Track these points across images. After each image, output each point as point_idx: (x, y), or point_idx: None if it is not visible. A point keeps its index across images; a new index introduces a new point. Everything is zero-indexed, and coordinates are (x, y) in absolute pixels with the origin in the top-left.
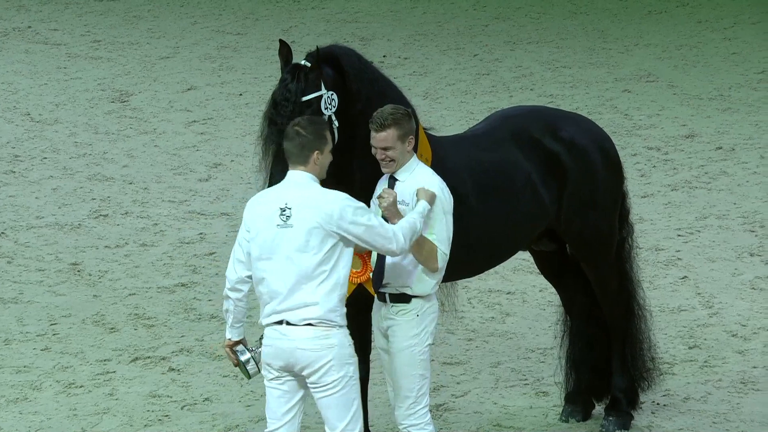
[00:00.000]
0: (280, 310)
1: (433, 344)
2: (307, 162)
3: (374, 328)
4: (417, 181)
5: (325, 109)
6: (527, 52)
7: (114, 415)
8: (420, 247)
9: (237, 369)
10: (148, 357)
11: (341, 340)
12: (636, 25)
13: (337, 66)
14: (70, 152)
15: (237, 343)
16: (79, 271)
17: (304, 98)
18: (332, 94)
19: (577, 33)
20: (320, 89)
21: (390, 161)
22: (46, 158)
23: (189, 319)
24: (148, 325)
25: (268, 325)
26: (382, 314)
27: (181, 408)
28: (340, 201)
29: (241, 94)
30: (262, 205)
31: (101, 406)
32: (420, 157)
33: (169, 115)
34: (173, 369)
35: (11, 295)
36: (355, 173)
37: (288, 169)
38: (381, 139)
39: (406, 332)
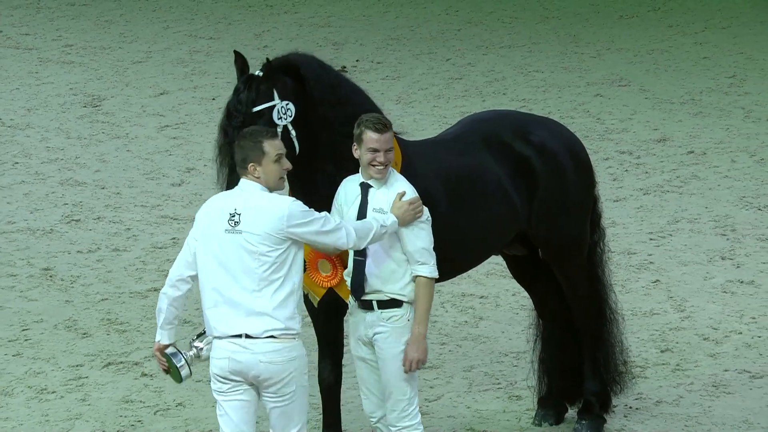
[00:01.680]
0: (236, 321)
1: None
2: (247, 173)
3: (351, 338)
4: (394, 190)
5: (279, 119)
6: (500, 57)
7: (86, 420)
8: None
9: (208, 374)
10: (121, 362)
11: (301, 351)
12: (608, 29)
13: (297, 74)
14: (41, 157)
15: (167, 346)
16: (51, 276)
17: (255, 109)
18: (287, 104)
19: (549, 37)
20: (273, 99)
21: (385, 165)
22: (17, 163)
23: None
24: (121, 331)
25: (221, 337)
26: (366, 322)
27: (154, 413)
28: (287, 205)
29: (213, 99)
30: (214, 210)
31: (73, 412)
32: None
33: (142, 120)
34: (146, 374)
35: None
36: (318, 179)
37: (233, 178)
38: (385, 140)
39: (398, 338)
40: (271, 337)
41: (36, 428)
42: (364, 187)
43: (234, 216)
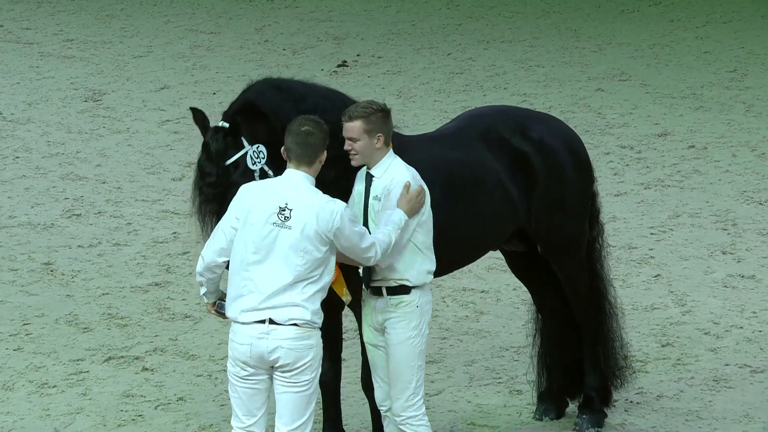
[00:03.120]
0: (262, 308)
1: (429, 336)
2: (313, 163)
3: (364, 324)
4: (390, 175)
5: (253, 164)
6: (501, 51)
7: (87, 415)
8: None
9: (209, 369)
10: (122, 357)
11: (319, 341)
12: (609, 24)
13: (258, 113)
14: (42, 151)
15: (215, 303)
16: (52, 270)
17: (228, 162)
18: (257, 147)
19: (550, 32)
20: (243, 147)
21: (355, 154)
22: (18, 158)
23: (162, 318)
24: (122, 325)
25: (244, 322)
26: (377, 308)
27: (155, 408)
28: (339, 210)
29: (214, 93)
30: (260, 199)
31: (74, 406)
32: None
33: (143, 115)
34: (147, 368)
35: None
36: None
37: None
38: (347, 129)
39: (407, 324)
40: (294, 325)
41: (37, 422)
42: (368, 177)
43: (284, 210)
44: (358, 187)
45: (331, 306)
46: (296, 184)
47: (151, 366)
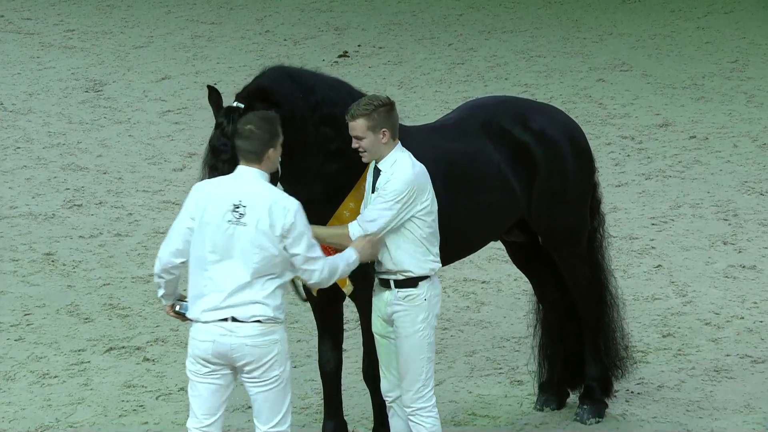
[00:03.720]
0: (224, 307)
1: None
2: (262, 160)
3: (373, 315)
4: (393, 170)
5: None
6: (502, 42)
7: (88, 405)
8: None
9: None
10: (123, 347)
11: (283, 335)
12: (610, 14)
13: (266, 98)
14: (43, 142)
15: (173, 305)
16: (53, 261)
17: None
18: None
19: (551, 22)
20: None
21: (363, 151)
22: (19, 148)
23: (163, 309)
24: (123, 315)
25: (206, 321)
26: (386, 300)
27: (156, 398)
28: (293, 208)
29: (215, 84)
30: (213, 197)
31: (76, 397)
32: None
33: (144, 105)
34: (148, 359)
35: None
36: (300, 195)
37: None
38: (351, 127)
39: (414, 317)
40: (257, 321)
41: (38, 413)
42: (376, 172)
43: (239, 208)
44: (369, 180)
45: (332, 296)
46: (249, 181)
47: (152, 356)
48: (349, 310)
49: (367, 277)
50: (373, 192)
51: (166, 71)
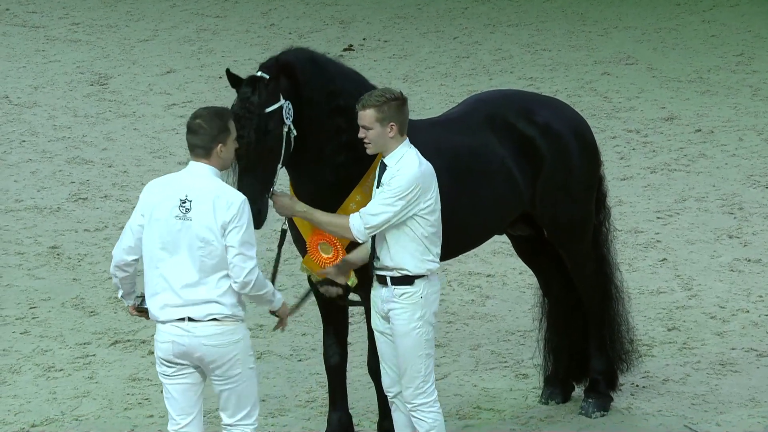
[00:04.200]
0: (179, 305)
1: (437, 323)
2: (210, 155)
3: (372, 311)
4: (399, 166)
5: (286, 119)
6: (507, 35)
7: (94, 398)
8: (336, 219)
9: None
10: (128, 340)
11: (245, 333)
12: (615, 7)
13: (291, 75)
14: (48, 135)
15: (134, 304)
16: (58, 254)
17: (267, 110)
18: (289, 104)
19: (556, 16)
20: (279, 100)
21: (368, 142)
22: (24, 141)
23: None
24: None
25: (164, 321)
26: (383, 297)
27: (161, 391)
28: (238, 202)
29: (220, 77)
30: (161, 194)
31: (81, 390)
32: None
33: (149, 98)
34: (153, 352)
35: None
36: (306, 182)
37: (246, 180)
38: (360, 117)
39: (410, 315)
40: (214, 320)
41: (43, 406)
42: (382, 166)
43: (185, 203)
44: (376, 175)
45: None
46: (197, 176)
47: None
48: None
49: (370, 272)
50: (377, 187)
51: (171, 65)
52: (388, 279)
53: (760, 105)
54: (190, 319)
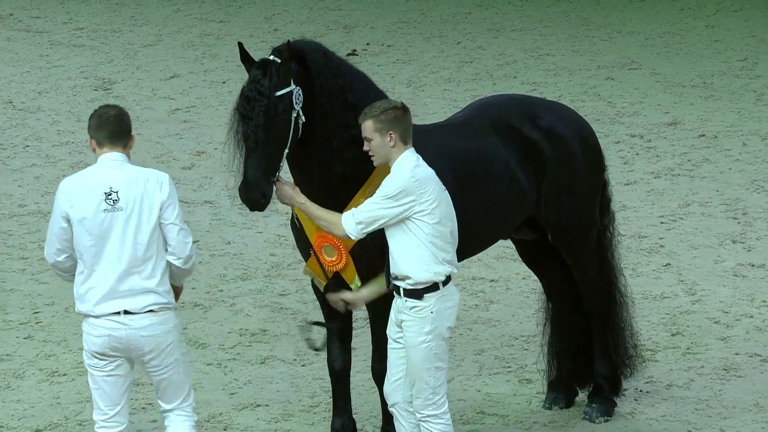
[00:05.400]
0: (114, 298)
1: (450, 338)
2: (127, 145)
3: (390, 317)
4: (393, 169)
5: (296, 104)
6: (510, 40)
7: None
8: (329, 215)
9: (219, 357)
10: None
11: (175, 320)
12: (619, 12)
13: (302, 62)
14: (52, 140)
15: None
16: None
17: (278, 93)
18: (299, 90)
19: (560, 20)
20: (290, 85)
21: (371, 154)
22: (28, 146)
23: None
24: None
25: (98, 315)
26: (397, 306)
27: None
28: (164, 180)
29: (224, 82)
30: (80, 194)
31: (84, 395)
32: None
33: (152, 103)
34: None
35: None
36: (313, 171)
37: (252, 161)
38: (362, 129)
39: (419, 329)
40: (150, 312)
41: (47, 410)
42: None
43: (110, 195)
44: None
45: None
46: (115, 166)
47: None
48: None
49: (373, 275)
50: None
51: (174, 69)
52: (402, 290)
53: (764, 110)
54: (126, 312)
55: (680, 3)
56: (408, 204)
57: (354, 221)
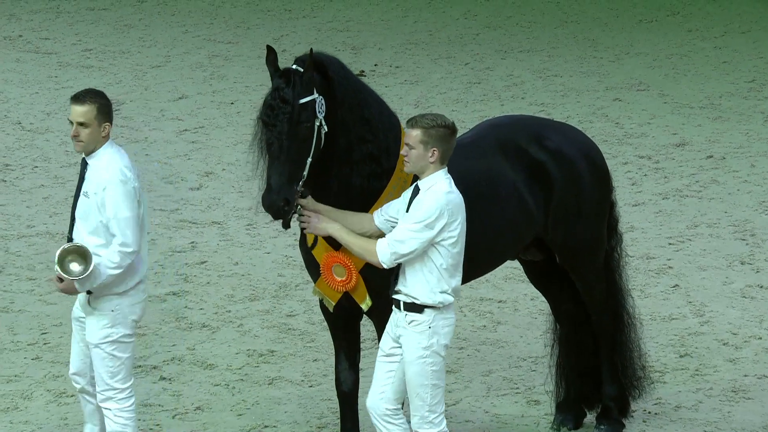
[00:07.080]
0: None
1: (444, 357)
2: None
3: (386, 330)
4: (427, 194)
5: (318, 112)
6: (518, 61)
7: None
8: (364, 242)
9: (227, 378)
10: (139, 366)
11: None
12: (627, 33)
13: (324, 72)
14: (61, 161)
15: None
16: None
17: (302, 101)
18: (322, 99)
19: (568, 42)
20: (313, 93)
21: (407, 161)
22: (37, 167)
23: (180, 327)
24: (139, 334)
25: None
26: (395, 320)
27: (173, 417)
28: (109, 182)
29: (232, 103)
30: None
31: None
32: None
33: (161, 124)
34: (164, 378)
35: (2, 305)
36: (332, 181)
37: (275, 168)
38: (407, 134)
39: (417, 344)
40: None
41: (55, 431)
42: (416, 190)
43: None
44: (406, 196)
45: (349, 314)
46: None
47: (169, 375)
48: (366, 329)
49: (383, 295)
50: (407, 211)
51: (183, 90)
52: (401, 304)
53: None
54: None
55: (688, 24)
56: (439, 230)
57: (389, 251)
